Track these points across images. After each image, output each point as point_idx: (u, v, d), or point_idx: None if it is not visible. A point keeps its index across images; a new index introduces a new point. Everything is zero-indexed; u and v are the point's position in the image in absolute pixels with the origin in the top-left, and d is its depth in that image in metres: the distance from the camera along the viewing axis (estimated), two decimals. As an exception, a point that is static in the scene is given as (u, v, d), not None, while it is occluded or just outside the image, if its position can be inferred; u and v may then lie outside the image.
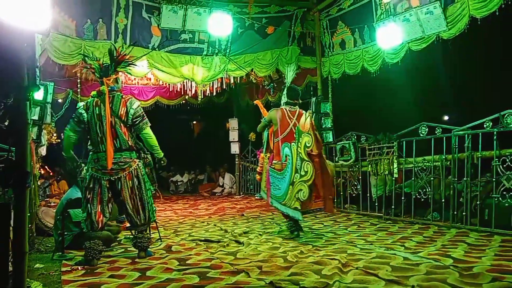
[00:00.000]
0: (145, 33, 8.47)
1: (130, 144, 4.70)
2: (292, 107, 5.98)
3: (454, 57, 9.37)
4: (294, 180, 5.53)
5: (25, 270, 2.74)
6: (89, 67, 4.83)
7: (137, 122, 4.68)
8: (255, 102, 7.39)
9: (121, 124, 4.64)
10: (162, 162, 4.98)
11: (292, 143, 5.65)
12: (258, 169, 6.57)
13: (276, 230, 6.45)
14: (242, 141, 13.36)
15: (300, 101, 6.14)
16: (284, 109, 5.95)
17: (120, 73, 4.91)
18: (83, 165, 4.92)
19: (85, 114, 4.61)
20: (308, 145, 5.51)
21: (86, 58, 4.95)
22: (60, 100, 11.03)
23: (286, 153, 5.71)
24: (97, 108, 4.60)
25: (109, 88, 4.63)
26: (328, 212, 6.07)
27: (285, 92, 6.13)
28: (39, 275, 4.15)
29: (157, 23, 8.31)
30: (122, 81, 4.96)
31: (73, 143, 4.75)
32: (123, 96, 4.73)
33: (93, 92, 4.74)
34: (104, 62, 4.81)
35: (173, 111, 13.60)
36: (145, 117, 4.77)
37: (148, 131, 4.76)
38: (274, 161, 5.97)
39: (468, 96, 11.19)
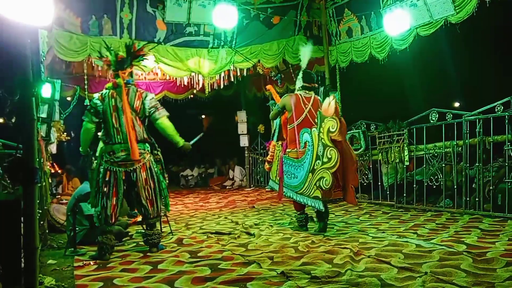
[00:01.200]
0: (150, 27, 8.44)
1: (144, 136, 4.73)
2: (307, 92, 5.76)
3: (463, 41, 9.25)
4: (315, 167, 5.22)
5: (37, 266, 2.76)
6: (103, 60, 4.82)
7: (152, 112, 4.71)
8: (267, 87, 7.09)
9: (137, 117, 4.67)
10: (186, 147, 4.96)
11: (313, 129, 5.34)
12: (268, 157, 6.30)
13: (287, 221, 6.44)
14: (251, 134, 13.33)
15: (316, 85, 5.95)
16: (299, 95, 5.73)
17: (134, 67, 4.92)
18: (93, 158, 4.93)
19: (100, 105, 4.63)
20: (332, 130, 5.08)
21: (104, 50, 4.92)
22: (68, 98, 11.08)
23: (305, 139, 5.44)
24: (112, 100, 4.62)
25: (124, 81, 4.66)
26: (350, 203, 5.64)
27: (300, 76, 5.87)
28: (52, 270, 4.19)
29: (162, 16, 8.28)
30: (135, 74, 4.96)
31: (92, 137, 4.75)
32: (138, 90, 4.76)
33: (108, 84, 4.76)
34: (118, 55, 4.80)
35: (182, 105, 13.58)
36: (161, 107, 4.79)
37: (163, 120, 4.75)
38: (288, 149, 5.76)
39: (478, 81, 11.07)
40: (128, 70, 4.76)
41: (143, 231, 4.90)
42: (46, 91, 5.83)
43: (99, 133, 4.81)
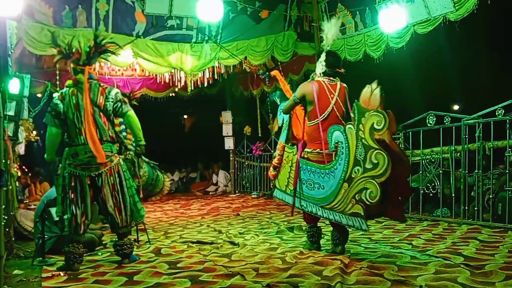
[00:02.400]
0: (128, 20, 8.39)
1: (110, 135, 4.66)
2: (332, 79, 4.89)
3: (463, 40, 9.36)
4: (353, 176, 4.30)
5: (2, 276, 2.73)
6: (73, 53, 4.73)
7: (117, 107, 4.65)
8: (272, 73, 6.22)
9: (101, 113, 4.60)
10: (138, 148, 4.87)
11: (348, 126, 4.37)
12: (275, 161, 5.26)
13: (274, 230, 6.45)
14: (237, 136, 13.34)
15: (343, 71, 5.06)
16: (322, 82, 4.85)
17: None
18: (59, 163, 4.85)
19: (60, 105, 4.56)
20: (378, 127, 4.13)
21: (77, 43, 4.85)
22: (39, 95, 10.98)
23: (336, 138, 4.47)
24: (73, 97, 4.56)
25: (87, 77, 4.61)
26: (395, 220, 4.97)
27: (322, 58, 4.98)
28: (18, 281, 4.14)
29: (142, 8, 8.23)
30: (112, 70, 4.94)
31: (57, 142, 4.66)
32: (101, 85, 4.71)
33: (69, 82, 4.69)
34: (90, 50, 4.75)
35: (162, 104, 13.55)
36: (126, 102, 4.74)
37: (131, 113, 4.71)
38: (308, 149, 4.87)
39: (478, 82, 11.20)
40: (93, 66, 4.74)
41: (115, 240, 4.86)
42: (14, 86, 5.75)
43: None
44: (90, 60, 4.69)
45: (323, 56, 4.98)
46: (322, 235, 5.19)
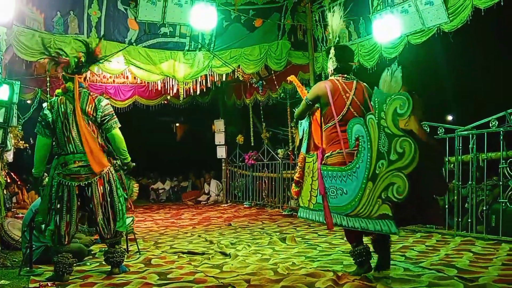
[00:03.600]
0: (121, 27, 8.40)
1: (100, 143, 4.62)
2: (346, 76, 4.48)
3: (457, 51, 9.43)
4: (377, 171, 3.74)
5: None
6: (61, 61, 4.73)
7: (105, 121, 4.61)
8: (288, 78, 5.62)
9: (90, 122, 4.58)
10: (125, 167, 4.82)
11: (368, 116, 3.86)
12: (296, 176, 4.71)
13: (266, 241, 6.43)
14: (229, 145, 13.33)
15: (357, 63, 4.70)
16: (336, 80, 4.44)
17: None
18: (45, 173, 4.79)
19: (50, 114, 4.53)
20: (400, 111, 3.59)
21: (59, 52, 4.84)
22: (28, 101, 10.94)
23: (357, 132, 3.95)
24: (62, 106, 4.54)
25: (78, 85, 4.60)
26: (432, 224, 4.46)
27: (332, 54, 4.58)
28: (4, 292, 4.10)
29: (134, 15, 8.24)
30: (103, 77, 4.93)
31: (47, 154, 4.61)
32: (90, 93, 4.69)
33: (58, 91, 4.68)
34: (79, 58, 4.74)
35: (154, 112, 13.54)
36: (115, 116, 4.70)
37: (117, 131, 4.66)
38: (327, 154, 4.36)
39: (472, 93, 11.27)
40: (85, 75, 4.74)
41: (106, 248, 4.82)
42: (3, 93, 5.73)
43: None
44: (79, 69, 4.67)
45: (332, 51, 4.59)
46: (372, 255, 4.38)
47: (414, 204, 3.73)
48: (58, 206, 4.47)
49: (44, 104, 4.69)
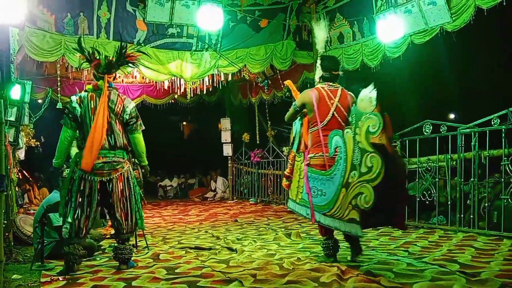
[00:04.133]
0: (129, 28, 8.43)
1: (124, 142, 4.69)
2: (331, 84, 4.79)
3: (459, 50, 9.39)
4: (350, 181, 4.16)
5: (1, 281, 2.72)
6: (94, 61, 4.74)
7: (131, 123, 4.69)
8: (285, 82, 5.97)
9: (117, 121, 4.63)
10: (143, 170, 4.96)
11: (346, 130, 4.27)
12: (287, 171, 5.19)
13: (271, 236, 6.44)
14: (235, 142, 13.35)
15: (341, 73, 4.95)
16: (321, 88, 4.76)
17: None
18: (65, 165, 4.84)
19: (78, 108, 4.57)
20: (372, 130, 3.96)
21: (95, 51, 4.85)
22: (39, 101, 11.00)
23: (336, 143, 4.38)
24: (91, 102, 4.59)
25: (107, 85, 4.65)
26: (396, 228, 4.83)
27: (318, 63, 4.95)
28: (16, 286, 4.12)
29: (143, 16, 8.27)
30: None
31: (70, 146, 4.67)
32: (120, 94, 4.75)
33: (89, 86, 4.74)
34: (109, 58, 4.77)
35: (161, 111, 13.58)
36: (140, 119, 4.78)
37: (139, 135, 4.75)
38: (310, 155, 4.75)
39: (474, 92, 11.23)
40: (114, 74, 4.80)
41: (115, 244, 4.84)
42: (15, 92, 5.77)
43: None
44: (109, 69, 4.72)
45: (318, 61, 4.97)
46: (339, 247, 4.84)
47: (381, 211, 4.10)
48: (80, 200, 4.49)
49: (73, 97, 4.69)
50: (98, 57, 4.72)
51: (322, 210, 4.51)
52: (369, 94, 4.17)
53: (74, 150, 4.89)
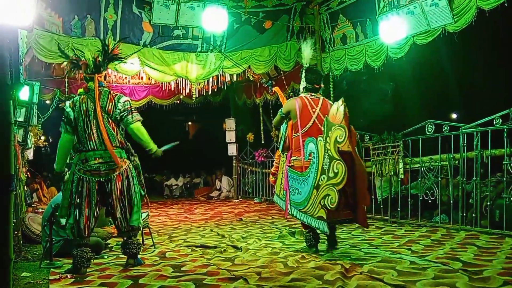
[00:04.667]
0: (135, 29, 8.45)
1: (119, 140, 4.67)
2: (313, 94, 5.26)
3: (461, 51, 9.37)
4: (320, 183, 4.71)
5: (10, 279, 2.73)
6: (80, 62, 4.76)
7: (124, 116, 4.64)
8: (274, 89, 6.70)
9: (109, 120, 4.62)
10: (157, 154, 4.83)
11: (319, 138, 4.81)
12: (273, 169, 5.79)
13: (276, 234, 6.43)
14: (240, 142, 13.36)
15: (323, 86, 5.46)
16: (305, 98, 5.22)
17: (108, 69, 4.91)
18: (66, 169, 4.84)
19: (71, 112, 4.58)
20: (339, 140, 4.53)
21: (77, 53, 4.88)
22: (47, 102, 11.04)
23: (310, 149, 4.93)
24: (83, 104, 4.58)
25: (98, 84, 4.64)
26: (360, 225, 5.18)
27: (303, 75, 5.41)
28: (25, 284, 4.13)
29: (149, 18, 8.29)
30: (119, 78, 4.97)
31: (69, 150, 4.67)
32: (110, 92, 4.73)
33: (80, 90, 4.73)
34: (96, 58, 4.77)
35: (167, 111, 13.60)
36: (134, 111, 4.74)
37: (137, 125, 4.68)
38: (292, 158, 5.25)
39: (476, 92, 11.20)
40: (104, 73, 4.79)
41: (121, 242, 4.85)
42: (24, 93, 5.79)
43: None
44: (98, 68, 4.71)
45: (303, 73, 5.41)
46: (320, 240, 5.30)
47: (346, 210, 4.75)
48: (78, 200, 4.50)
49: (67, 102, 4.72)
50: (83, 58, 4.71)
51: (299, 207, 5.09)
52: (339, 108, 4.70)
53: None
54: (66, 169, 4.75)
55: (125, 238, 4.78)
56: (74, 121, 4.58)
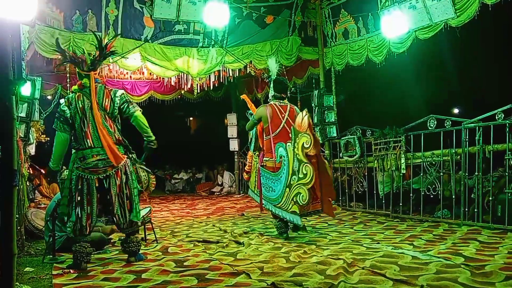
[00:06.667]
0: (137, 24, 8.44)
1: (117, 137, 4.66)
2: (281, 101, 5.99)
3: (463, 46, 9.35)
4: (292, 183, 5.43)
5: (14, 274, 2.74)
6: (77, 60, 4.75)
7: (124, 107, 4.66)
8: (241, 97, 7.42)
9: (106, 116, 4.61)
10: (152, 144, 4.84)
11: (288, 143, 5.54)
12: (246, 168, 6.61)
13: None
14: (242, 137, 13.34)
15: (289, 95, 6.18)
16: (274, 105, 5.94)
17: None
18: (64, 167, 4.84)
19: (67, 110, 4.56)
20: (306, 146, 5.27)
21: (76, 51, 4.88)
22: (49, 97, 11.03)
23: (281, 153, 5.65)
24: (79, 102, 4.57)
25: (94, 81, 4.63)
26: (327, 214, 5.96)
27: (272, 85, 6.14)
28: (29, 279, 4.16)
29: (150, 13, 8.27)
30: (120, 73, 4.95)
31: (65, 149, 4.65)
32: (106, 87, 4.72)
33: (74, 87, 4.70)
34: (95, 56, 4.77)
35: (169, 106, 13.60)
36: (133, 102, 4.76)
37: (139, 113, 4.70)
38: (265, 158, 5.97)
39: (478, 87, 11.18)
40: (99, 69, 4.77)
41: (122, 237, 4.86)
42: (25, 89, 5.79)
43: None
44: (95, 65, 4.71)
45: (272, 84, 6.15)
46: (289, 226, 5.94)
47: (314, 202, 5.61)
48: (79, 198, 4.51)
49: (62, 101, 4.70)
50: (81, 55, 4.71)
51: (274, 202, 5.79)
52: (303, 118, 5.41)
53: None
54: (63, 167, 4.76)
55: (125, 236, 4.78)
56: (70, 119, 4.56)
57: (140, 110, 4.77)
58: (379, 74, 9.48)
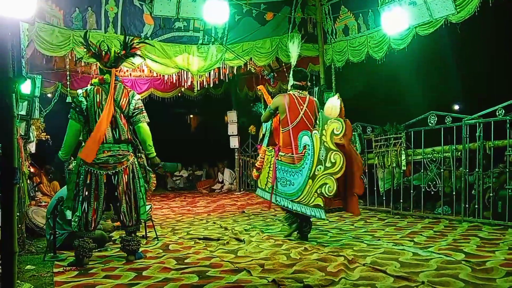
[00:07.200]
0: (137, 22, 8.43)
1: (128, 136, 4.69)
2: (300, 92, 5.56)
3: (464, 42, 9.32)
4: (316, 173, 4.98)
5: (15, 271, 2.75)
6: (102, 55, 4.73)
7: (135, 114, 4.68)
8: (259, 87, 7.16)
9: (122, 115, 4.64)
10: (154, 161, 4.87)
11: (314, 131, 5.13)
12: (258, 164, 6.02)
13: (279, 227, 6.46)
14: (242, 135, 13.35)
15: (309, 84, 5.78)
16: (293, 95, 5.52)
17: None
18: (72, 158, 4.84)
19: (85, 102, 4.57)
20: (336, 132, 4.82)
21: (105, 45, 4.83)
22: (49, 95, 11.02)
23: (305, 142, 5.21)
24: (97, 96, 4.58)
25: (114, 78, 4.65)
26: (352, 213, 5.51)
27: (291, 75, 5.75)
28: (30, 276, 4.16)
29: (150, 10, 8.27)
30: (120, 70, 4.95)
31: (77, 140, 4.65)
32: (125, 87, 4.75)
33: (94, 80, 4.72)
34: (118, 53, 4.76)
35: (169, 104, 13.58)
36: (144, 111, 4.78)
37: (144, 125, 4.73)
38: (281, 153, 5.56)
39: (479, 83, 11.16)
40: (120, 68, 4.80)
41: (123, 235, 4.87)
42: (25, 87, 5.78)
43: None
44: (117, 63, 4.74)
45: (291, 73, 5.75)
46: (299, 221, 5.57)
47: (337, 199, 5.10)
48: (86, 193, 4.51)
49: (79, 91, 4.70)
50: (106, 51, 4.70)
51: (291, 197, 5.36)
52: (335, 102, 5.14)
53: None
54: (72, 158, 4.75)
55: (125, 234, 4.79)
56: (86, 111, 4.57)
57: (148, 122, 4.77)
58: (380, 71, 9.46)
